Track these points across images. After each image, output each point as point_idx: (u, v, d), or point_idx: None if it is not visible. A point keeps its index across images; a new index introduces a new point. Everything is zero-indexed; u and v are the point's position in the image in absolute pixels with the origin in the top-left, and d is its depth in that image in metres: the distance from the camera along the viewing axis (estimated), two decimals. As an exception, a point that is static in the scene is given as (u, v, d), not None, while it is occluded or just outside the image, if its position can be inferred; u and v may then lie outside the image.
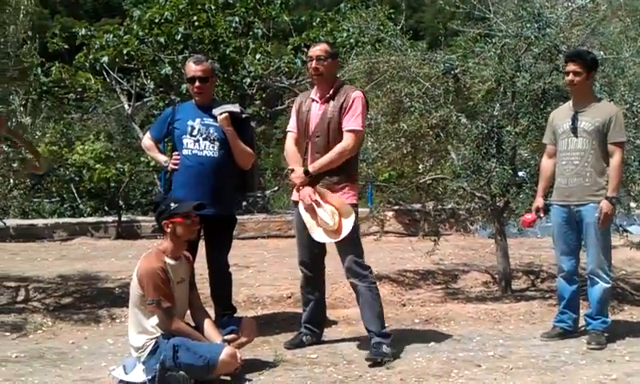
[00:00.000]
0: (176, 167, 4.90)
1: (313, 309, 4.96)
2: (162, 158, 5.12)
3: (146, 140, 5.25)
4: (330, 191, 4.62)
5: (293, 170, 4.77)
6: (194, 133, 4.90)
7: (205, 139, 4.89)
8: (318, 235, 4.62)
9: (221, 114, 4.87)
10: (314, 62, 4.68)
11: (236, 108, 5.03)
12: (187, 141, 4.89)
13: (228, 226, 5.05)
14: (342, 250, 4.66)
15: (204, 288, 5.06)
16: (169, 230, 4.18)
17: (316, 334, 4.97)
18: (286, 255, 8.49)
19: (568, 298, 5.09)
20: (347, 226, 4.54)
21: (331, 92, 4.69)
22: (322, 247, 4.81)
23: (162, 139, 5.32)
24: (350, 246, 4.62)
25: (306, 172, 4.66)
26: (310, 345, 4.88)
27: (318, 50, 4.74)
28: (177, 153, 4.93)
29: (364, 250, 4.76)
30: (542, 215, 5.20)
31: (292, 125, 4.91)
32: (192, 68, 4.95)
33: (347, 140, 4.60)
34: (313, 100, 4.79)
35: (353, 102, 4.61)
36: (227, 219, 5.02)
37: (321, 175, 4.65)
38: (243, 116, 5.10)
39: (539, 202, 5.18)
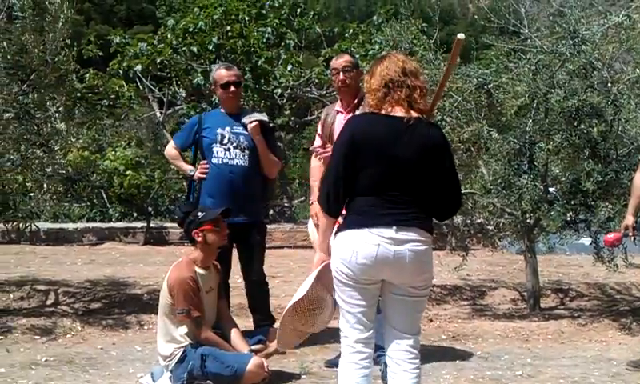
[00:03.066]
0: (203, 176, 4.91)
1: None
2: (187, 167, 5.11)
3: (170, 149, 5.24)
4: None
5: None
6: (225, 141, 4.91)
7: (235, 148, 4.90)
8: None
9: (251, 122, 4.89)
10: (341, 74, 4.62)
11: (264, 116, 5.06)
12: (217, 149, 4.90)
13: (259, 232, 5.05)
14: None
15: (243, 297, 5.22)
16: (199, 239, 4.20)
17: None
18: (313, 266, 8.47)
19: None
20: None
21: (356, 101, 4.63)
22: None
23: (186, 148, 5.32)
24: None
25: None
26: None
27: (343, 61, 4.69)
28: (205, 161, 4.94)
29: None
30: (630, 234, 4.72)
31: (318, 141, 4.89)
32: (225, 74, 4.99)
33: None
34: (338, 112, 4.74)
35: None
36: (258, 226, 5.03)
37: None
38: (271, 125, 5.14)
39: (629, 220, 4.69)
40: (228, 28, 11.89)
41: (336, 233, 3.10)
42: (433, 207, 3.10)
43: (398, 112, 3.04)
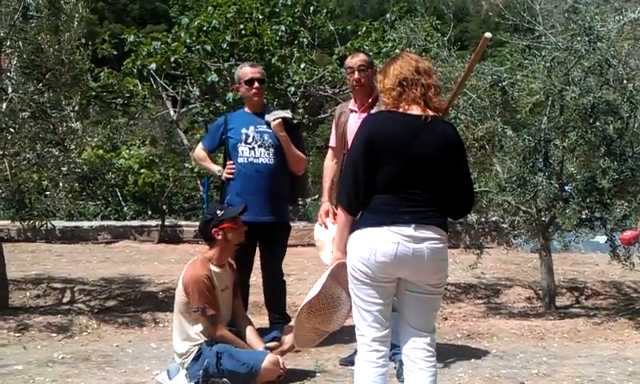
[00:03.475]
0: (231, 176, 4.93)
1: None
2: (215, 168, 5.14)
3: (199, 151, 5.26)
4: None
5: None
6: (249, 140, 4.92)
7: (260, 146, 4.91)
8: (324, 256, 4.46)
9: (275, 119, 4.90)
10: (357, 72, 4.60)
11: (288, 113, 5.06)
12: (242, 149, 4.91)
13: (284, 232, 5.07)
14: None
15: (260, 295, 5.19)
16: (219, 237, 4.21)
17: None
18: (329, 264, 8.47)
19: None
20: None
21: (370, 101, 4.62)
22: None
23: (214, 150, 5.35)
24: None
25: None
26: None
27: (359, 60, 4.66)
28: (231, 162, 4.96)
29: None
30: None
31: (332, 140, 4.89)
32: (249, 71, 5.01)
33: None
34: (351, 111, 4.73)
35: None
36: (283, 226, 5.05)
37: None
38: (295, 121, 5.14)
39: None
40: (241, 26, 11.91)
41: (352, 231, 3.09)
42: (447, 205, 3.10)
43: (415, 110, 3.05)
